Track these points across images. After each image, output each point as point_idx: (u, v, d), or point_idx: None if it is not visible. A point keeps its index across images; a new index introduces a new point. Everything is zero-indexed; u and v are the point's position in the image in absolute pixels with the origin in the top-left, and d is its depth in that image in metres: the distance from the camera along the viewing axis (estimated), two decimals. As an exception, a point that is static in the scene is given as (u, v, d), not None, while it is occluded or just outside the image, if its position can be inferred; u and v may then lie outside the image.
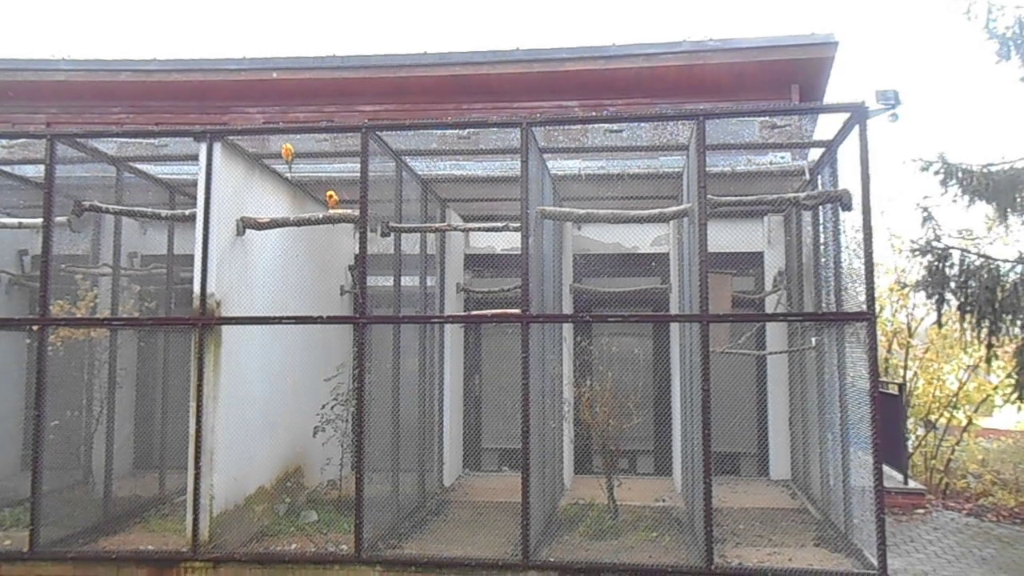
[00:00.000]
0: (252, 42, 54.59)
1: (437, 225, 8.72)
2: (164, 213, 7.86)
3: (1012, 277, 8.91)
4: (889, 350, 11.95)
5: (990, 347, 9.15)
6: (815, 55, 10.63)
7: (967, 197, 9.18)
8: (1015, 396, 9.35)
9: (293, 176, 8.08)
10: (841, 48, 10.85)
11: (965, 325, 9.14)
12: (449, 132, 8.17)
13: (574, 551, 6.52)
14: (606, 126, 7.76)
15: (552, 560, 6.20)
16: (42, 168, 6.82)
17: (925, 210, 9.38)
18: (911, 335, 11.67)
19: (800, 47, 10.63)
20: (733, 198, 6.96)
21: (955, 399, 11.35)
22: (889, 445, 7.95)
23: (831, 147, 7.09)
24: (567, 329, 9.00)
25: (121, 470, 8.33)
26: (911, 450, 10.44)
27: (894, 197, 13.53)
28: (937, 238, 9.28)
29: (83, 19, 52.26)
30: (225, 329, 6.62)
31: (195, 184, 6.89)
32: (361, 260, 6.53)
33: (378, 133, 6.96)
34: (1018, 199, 8.97)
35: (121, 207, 7.63)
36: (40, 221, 6.77)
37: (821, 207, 7.34)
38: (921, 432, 11.20)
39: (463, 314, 9.35)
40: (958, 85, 40.36)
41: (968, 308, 8.94)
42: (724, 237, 8.29)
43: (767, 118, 7.94)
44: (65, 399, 7.55)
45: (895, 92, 6.01)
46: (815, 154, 7.92)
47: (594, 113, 8.50)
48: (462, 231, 9.57)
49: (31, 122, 11.91)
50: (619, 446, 7.69)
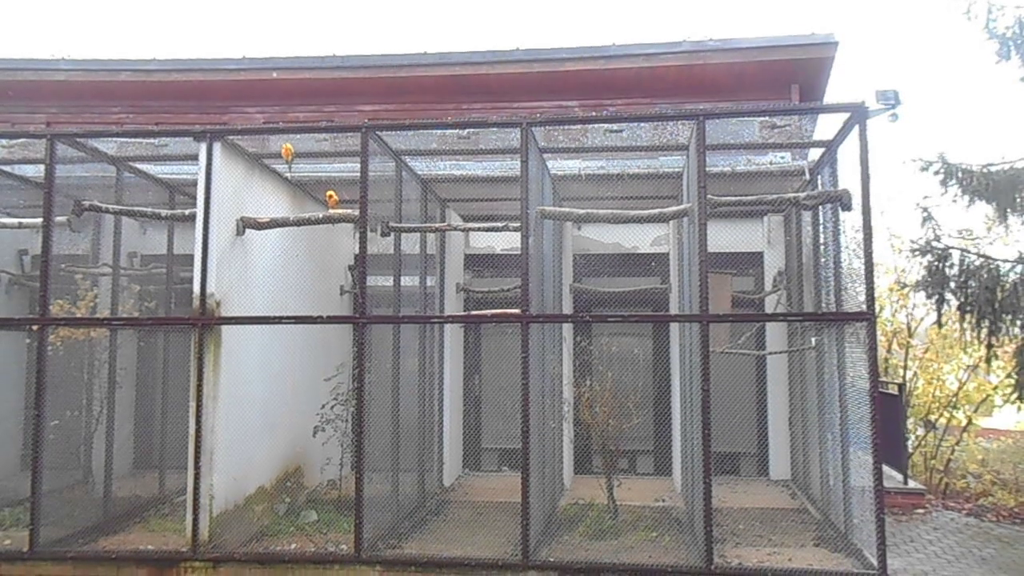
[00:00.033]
0: (252, 42, 54.66)
1: (437, 225, 8.72)
2: (164, 213, 7.86)
3: (1012, 277, 8.91)
4: (889, 350, 11.94)
5: (990, 347, 9.15)
6: (815, 55, 10.63)
7: (967, 197, 9.19)
8: (1015, 396, 9.35)
9: (293, 176, 8.08)
10: (841, 48, 10.87)
11: (965, 325, 9.14)
12: (449, 132, 8.17)
13: (574, 551, 6.52)
14: (606, 126, 7.75)
15: (552, 560, 6.20)
16: (42, 168, 6.83)
17: (925, 210, 9.38)
18: (911, 335, 11.67)
19: (800, 47, 10.64)
20: (733, 198, 6.96)
21: (955, 399, 11.34)
22: (889, 445, 7.95)
23: (831, 147, 7.09)
24: (567, 329, 9.00)
25: (121, 470, 8.33)
26: (911, 450, 10.43)
27: (894, 197, 13.53)
28: (937, 238, 9.28)
29: (83, 19, 52.30)
30: (225, 329, 6.63)
31: (195, 184, 6.89)
32: (361, 260, 6.53)
33: (378, 133, 6.97)
34: (1018, 199, 8.97)
35: (121, 207, 7.63)
36: (40, 221, 6.78)
37: (821, 207, 7.34)
38: (921, 432, 11.20)
39: (463, 314, 9.35)
40: (958, 85, 40.38)
41: (968, 308, 8.94)
42: (724, 237, 8.30)
43: (767, 118, 7.93)
44: (65, 399, 7.55)
45: (895, 92, 6.01)
46: (815, 154, 7.92)
47: (594, 113, 8.49)
48: (462, 231, 9.57)
49: (31, 122, 11.91)
50: (619, 446, 7.69)
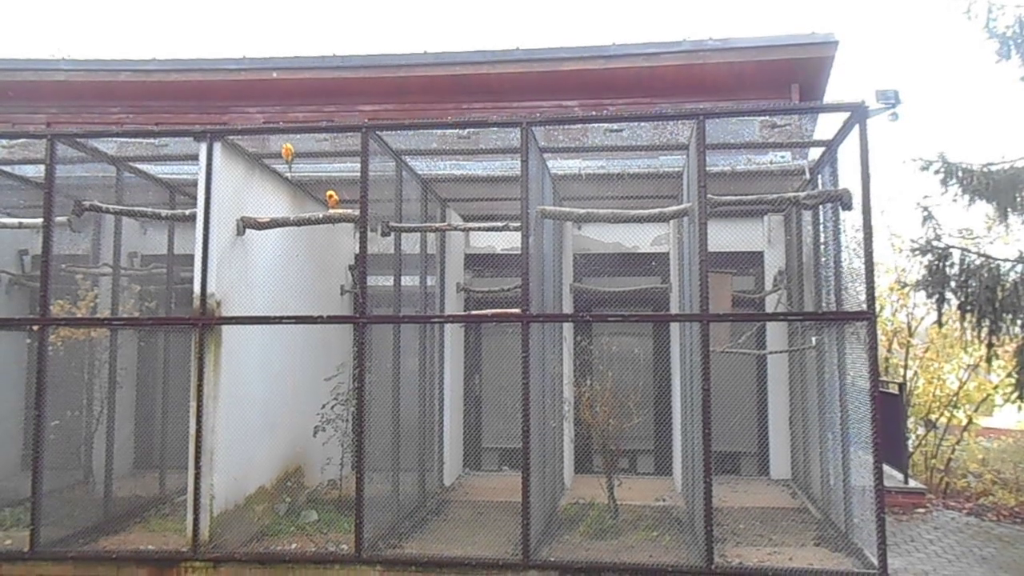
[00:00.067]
0: (252, 42, 54.61)
1: (437, 225, 8.72)
2: (164, 213, 7.86)
3: (1012, 276, 8.91)
4: (889, 349, 11.95)
5: (990, 346, 9.15)
6: (815, 55, 10.63)
7: (967, 196, 9.18)
8: (1015, 395, 9.35)
9: (293, 176, 8.08)
10: (841, 48, 10.87)
11: (965, 324, 9.14)
12: (449, 132, 8.18)
13: (574, 551, 6.52)
14: (606, 126, 7.76)
15: (552, 560, 6.20)
16: (42, 168, 6.83)
17: (925, 209, 9.37)
18: (911, 334, 11.67)
19: (800, 47, 10.64)
20: (733, 197, 6.97)
21: (955, 398, 11.35)
22: (889, 444, 7.94)
23: (831, 146, 7.09)
24: (567, 329, 9.00)
25: (121, 470, 8.33)
26: (911, 449, 10.43)
27: (894, 196, 13.61)
28: (937, 237, 9.28)
29: (83, 19, 52.28)
30: (225, 329, 6.63)
31: (195, 184, 6.89)
32: (361, 260, 6.53)
33: (378, 133, 6.96)
34: (1018, 198, 8.97)
35: (121, 207, 7.63)
36: (40, 221, 6.78)
37: (821, 206, 7.34)
38: (921, 431, 11.21)
39: (463, 314, 9.35)
40: (958, 85, 40.35)
41: (968, 307, 8.94)
42: (724, 236, 8.29)
43: (767, 117, 7.94)
44: (65, 399, 7.55)
45: (895, 92, 6.01)
46: (815, 153, 7.92)
47: (594, 113, 8.51)
48: (462, 231, 9.57)
49: (31, 122, 11.91)
50: (619, 446, 7.68)
